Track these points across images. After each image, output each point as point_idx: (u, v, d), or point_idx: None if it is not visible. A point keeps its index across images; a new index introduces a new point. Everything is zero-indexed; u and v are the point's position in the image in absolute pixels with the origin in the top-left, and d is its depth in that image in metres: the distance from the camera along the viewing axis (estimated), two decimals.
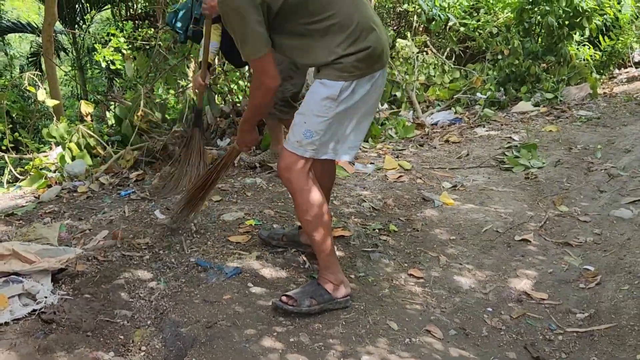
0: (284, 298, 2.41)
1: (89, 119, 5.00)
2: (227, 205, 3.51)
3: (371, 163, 4.37)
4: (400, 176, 4.09)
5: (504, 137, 4.93)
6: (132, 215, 3.42)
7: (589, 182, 3.89)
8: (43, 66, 11.56)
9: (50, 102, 4.76)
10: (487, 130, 5.22)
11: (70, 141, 4.86)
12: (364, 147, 4.81)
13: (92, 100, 9.86)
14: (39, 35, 12.70)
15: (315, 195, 2.40)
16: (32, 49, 14.46)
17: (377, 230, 3.23)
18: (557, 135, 4.86)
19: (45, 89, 5.97)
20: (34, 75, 4.94)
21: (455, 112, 6.10)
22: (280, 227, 3.20)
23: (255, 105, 2.43)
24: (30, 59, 14.10)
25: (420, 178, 4.07)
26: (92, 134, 4.76)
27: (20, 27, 13.09)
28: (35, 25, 12.99)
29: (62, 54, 14.29)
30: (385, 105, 6.24)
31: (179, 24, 5.31)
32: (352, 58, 2.25)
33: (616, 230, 3.22)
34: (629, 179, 3.86)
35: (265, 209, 3.45)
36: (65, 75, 15.16)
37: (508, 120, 5.56)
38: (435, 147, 4.78)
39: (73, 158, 4.82)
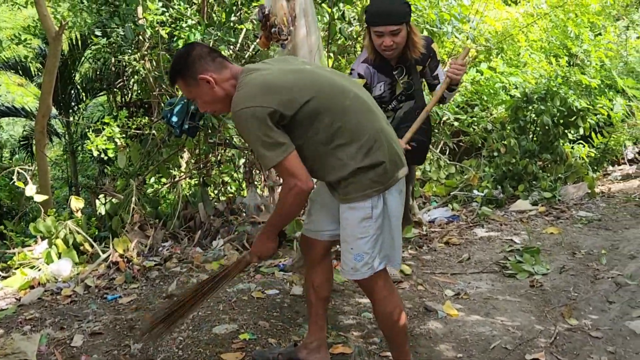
0: None
1: (78, 214, 4.85)
2: (218, 315, 3.31)
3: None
4: (401, 282, 3.93)
5: (504, 239, 4.80)
6: (116, 326, 3.22)
7: (597, 292, 3.73)
8: (34, 149, 11.51)
9: (39, 198, 4.62)
10: (486, 231, 5.10)
11: (57, 237, 4.69)
12: None
13: (82, 190, 9.76)
14: (32, 119, 12.74)
15: (393, 299, 2.49)
16: (24, 132, 14.46)
17: (379, 347, 3.03)
18: (559, 238, 4.74)
19: (35, 180, 5.85)
20: (24, 169, 4.82)
21: (452, 209, 6.00)
22: (277, 342, 3.00)
23: (284, 210, 2.32)
24: (22, 142, 14.07)
25: (422, 284, 3.91)
26: (79, 230, 4.59)
27: (13, 112, 13.10)
28: (29, 110, 13.04)
29: (54, 137, 14.28)
30: None
31: (174, 119, 5.28)
32: (370, 175, 2.25)
33: (631, 349, 3.04)
34: (638, 289, 3.71)
35: (260, 320, 3.26)
36: (56, 159, 15.13)
37: (507, 220, 5.46)
38: (435, 250, 4.64)
39: (59, 254, 4.64)
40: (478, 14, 7.78)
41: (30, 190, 4.59)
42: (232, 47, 6.02)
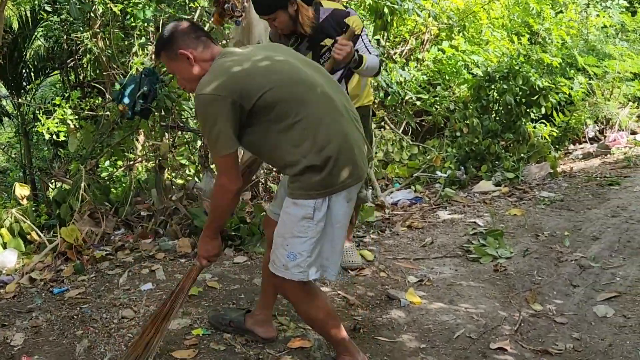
0: None
1: (24, 202, 4.60)
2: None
3: None
4: (363, 269, 3.81)
5: (468, 222, 4.72)
6: (61, 322, 3.03)
7: (560, 275, 3.67)
8: None
9: None
10: (449, 214, 5.01)
11: (1, 226, 4.44)
12: None
13: (36, 174, 9.42)
14: None
15: (316, 303, 2.43)
16: None
17: None
18: (522, 219, 4.68)
19: None
20: None
21: (415, 191, 5.91)
22: (232, 337, 2.85)
23: (215, 206, 2.38)
24: None
25: (384, 271, 3.80)
26: (24, 219, 4.35)
27: None
28: None
29: (5, 119, 13.77)
30: None
31: (126, 100, 5.02)
32: (319, 176, 2.20)
33: (596, 334, 2.99)
34: (601, 271, 3.67)
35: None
36: (8, 141, 14.61)
37: (470, 201, 5.39)
38: (397, 234, 4.53)
39: (4, 244, 4.39)
40: None
41: None
42: None
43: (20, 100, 11.66)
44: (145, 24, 6.90)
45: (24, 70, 12.14)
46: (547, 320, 3.17)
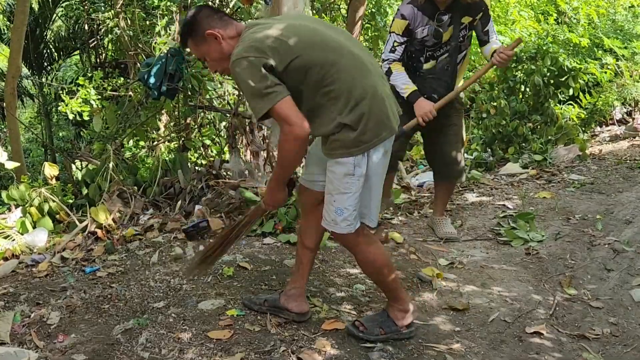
0: (357, 323, 2.68)
1: (53, 181, 4.61)
2: (205, 289, 3.14)
3: None
4: (393, 250, 3.78)
5: (496, 205, 4.67)
6: (95, 301, 3.04)
7: (594, 259, 3.62)
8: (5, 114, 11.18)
9: (11, 165, 4.37)
10: (477, 196, 4.96)
11: (31, 205, 4.46)
12: None
13: (58, 154, 9.47)
14: (2, 80, 12.32)
15: (373, 249, 2.59)
16: None
17: None
18: (552, 202, 4.62)
19: (6, 147, 5.58)
20: None
21: None
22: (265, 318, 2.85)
23: (283, 158, 2.38)
24: None
25: (414, 253, 3.77)
26: (54, 198, 4.37)
27: None
28: (0, 70, 12.58)
29: (26, 99, 13.87)
30: None
31: (152, 80, 5.00)
32: (354, 132, 2.30)
33: (633, 319, 2.95)
34: (636, 255, 3.61)
35: (248, 293, 3.09)
36: (30, 121, 14.70)
37: (497, 184, 5.33)
38: (426, 216, 4.49)
39: (34, 223, 4.42)
40: None
41: (0, 156, 4.33)
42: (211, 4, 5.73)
43: (42, 80, 11.70)
44: (168, 3, 6.87)
45: (45, 51, 12.18)
46: (583, 304, 3.13)
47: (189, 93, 5.12)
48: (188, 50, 5.08)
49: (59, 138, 13.64)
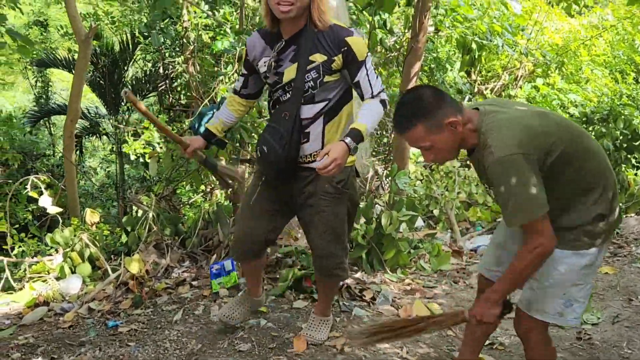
0: None
1: (94, 228, 4.63)
2: (218, 356, 2.99)
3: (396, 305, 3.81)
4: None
5: None
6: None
7: None
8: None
9: (54, 210, 4.41)
10: None
11: (72, 250, 4.48)
12: (390, 279, 4.27)
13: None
14: (82, 118, 12.83)
15: (552, 347, 2.47)
16: (76, 131, 14.59)
17: None
18: (614, 279, 4.24)
19: (62, 187, 5.69)
20: (38, 179, 4.63)
21: None
22: None
23: (521, 270, 2.18)
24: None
25: (452, 329, 3.49)
26: (94, 244, 4.37)
27: (65, 110, 13.22)
28: (82, 110, 13.12)
29: (104, 137, 14.39)
30: (421, 222, 5.72)
31: (202, 130, 4.98)
32: (604, 222, 2.20)
33: None
34: None
35: None
36: (103, 158, 15.24)
37: None
38: (472, 287, 4.20)
39: (74, 268, 4.43)
40: (537, 24, 7.27)
41: (45, 201, 4.39)
42: None
43: (115, 121, 12.12)
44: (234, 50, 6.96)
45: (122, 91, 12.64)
46: None
47: (237, 144, 5.07)
48: None
49: (130, 177, 14.03)
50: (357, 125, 2.64)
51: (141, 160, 6.40)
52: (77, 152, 12.71)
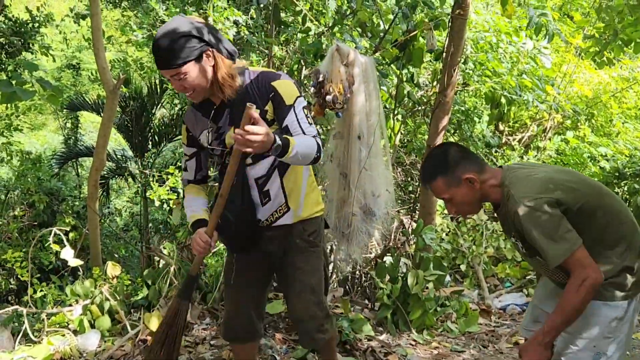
0: None
1: (115, 281, 4.57)
2: None
3: None
4: None
5: None
6: None
7: None
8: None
9: (74, 263, 4.36)
10: None
11: (92, 302, 4.41)
12: (416, 340, 4.12)
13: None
14: (109, 160, 12.94)
15: None
16: (103, 173, 14.71)
17: None
18: None
19: (86, 231, 5.65)
20: (61, 230, 4.60)
21: (527, 295, 5.35)
22: None
23: (574, 306, 2.15)
24: (100, 183, 14.29)
25: None
26: (113, 298, 4.30)
27: (92, 153, 13.37)
28: (108, 152, 13.24)
29: (129, 179, 14.49)
30: (448, 278, 5.57)
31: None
32: (633, 276, 2.20)
33: None
34: None
35: None
36: (128, 200, 15.32)
37: None
38: (501, 352, 4.04)
39: (93, 321, 4.35)
40: (566, 76, 7.19)
41: (66, 254, 4.34)
42: None
43: (141, 165, 12.21)
44: None
45: (149, 135, 12.76)
46: None
47: None
48: None
49: (154, 220, 14.06)
50: (289, 137, 2.38)
51: (165, 206, 6.38)
52: (103, 193, 12.81)
